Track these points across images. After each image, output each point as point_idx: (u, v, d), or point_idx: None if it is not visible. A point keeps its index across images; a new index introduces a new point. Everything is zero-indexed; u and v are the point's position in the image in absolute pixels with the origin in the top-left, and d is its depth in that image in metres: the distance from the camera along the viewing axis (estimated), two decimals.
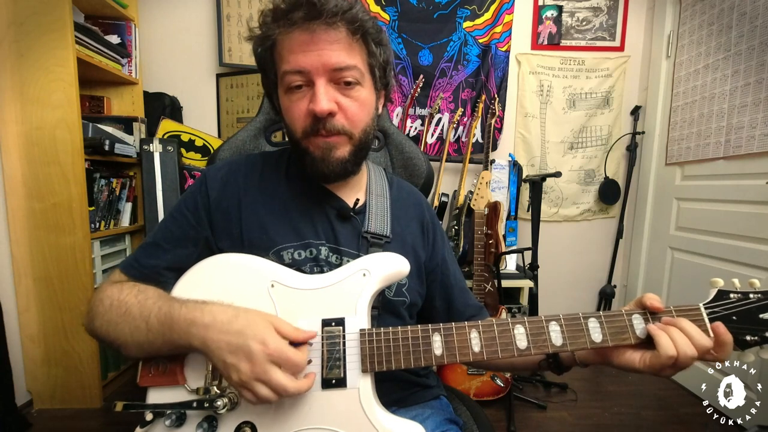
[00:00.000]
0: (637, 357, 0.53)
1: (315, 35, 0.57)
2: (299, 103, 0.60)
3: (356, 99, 0.62)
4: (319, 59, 0.57)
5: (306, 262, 0.65)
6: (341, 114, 0.61)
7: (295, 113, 0.61)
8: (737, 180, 1.69)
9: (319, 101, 0.58)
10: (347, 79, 0.60)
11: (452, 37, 2.15)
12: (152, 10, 2.09)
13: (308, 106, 0.59)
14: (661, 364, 0.50)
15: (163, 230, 0.66)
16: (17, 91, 1.51)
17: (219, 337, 0.50)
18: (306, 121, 0.60)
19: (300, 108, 0.60)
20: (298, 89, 0.60)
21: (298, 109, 0.61)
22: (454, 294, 0.77)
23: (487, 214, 1.75)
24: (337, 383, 0.55)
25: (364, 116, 0.63)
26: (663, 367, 0.50)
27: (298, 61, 0.58)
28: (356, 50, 0.60)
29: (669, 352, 0.49)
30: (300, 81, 0.59)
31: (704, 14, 1.86)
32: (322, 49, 0.57)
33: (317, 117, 0.59)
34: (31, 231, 1.57)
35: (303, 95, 0.60)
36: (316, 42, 0.57)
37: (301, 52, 0.58)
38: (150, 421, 0.55)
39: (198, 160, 1.92)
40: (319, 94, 0.58)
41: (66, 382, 1.65)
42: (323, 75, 0.58)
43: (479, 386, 1.69)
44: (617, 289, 2.36)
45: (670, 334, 0.50)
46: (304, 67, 0.58)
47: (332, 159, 0.62)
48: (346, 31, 0.58)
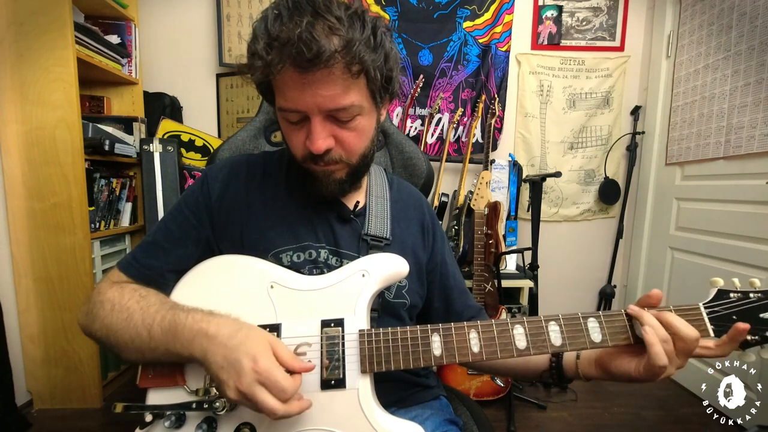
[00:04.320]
0: (633, 366, 0.54)
1: (308, 77, 0.53)
2: (297, 134, 0.60)
3: (354, 129, 0.60)
4: (313, 101, 0.55)
5: (305, 265, 0.64)
6: (338, 146, 0.60)
7: (292, 142, 0.61)
8: (737, 180, 1.69)
9: (314, 141, 0.57)
10: (344, 118, 0.58)
11: (452, 37, 2.15)
12: (152, 10, 2.09)
13: (305, 142, 0.58)
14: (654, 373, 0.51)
15: (163, 230, 0.66)
16: (17, 91, 1.52)
17: (218, 350, 0.50)
18: (304, 152, 0.60)
19: (298, 139, 0.60)
20: (295, 123, 0.59)
21: (296, 140, 0.60)
22: (453, 295, 0.77)
23: (487, 214, 1.75)
24: (337, 384, 0.55)
25: (362, 144, 0.62)
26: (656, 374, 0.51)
27: (294, 101, 0.56)
28: (354, 85, 0.56)
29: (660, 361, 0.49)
30: (296, 118, 0.58)
31: (704, 14, 1.86)
32: (316, 91, 0.54)
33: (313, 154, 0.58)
34: (31, 231, 1.57)
35: (300, 128, 0.59)
36: (311, 84, 0.53)
37: (297, 91, 0.55)
38: (149, 422, 0.55)
39: (198, 160, 1.92)
40: (315, 134, 0.57)
41: (66, 382, 1.65)
42: (319, 114, 0.56)
43: (479, 386, 1.69)
44: (617, 289, 2.36)
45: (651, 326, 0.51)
46: (299, 108, 0.56)
47: (330, 181, 0.62)
48: (343, 68, 0.53)
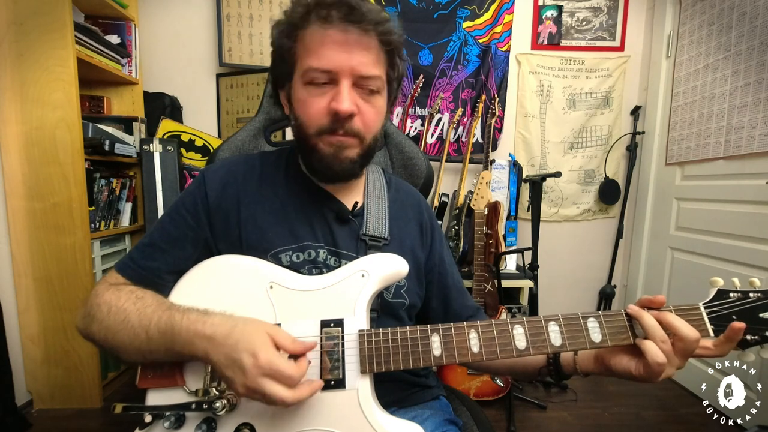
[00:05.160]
0: (633, 366, 0.53)
1: (349, 37, 0.57)
2: (318, 99, 0.60)
3: (374, 106, 0.63)
4: (348, 62, 0.58)
5: (304, 265, 0.64)
6: (359, 117, 0.61)
7: (312, 109, 0.60)
8: (737, 180, 1.69)
9: (343, 101, 0.58)
10: (371, 87, 0.61)
11: (452, 37, 2.15)
12: (152, 10, 2.09)
13: (329, 104, 0.59)
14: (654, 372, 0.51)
15: (160, 231, 0.66)
16: (17, 91, 1.51)
17: (218, 350, 0.50)
18: (323, 119, 0.60)
19: (319, 104, 0.60)
20: (320, 86, 0.60)
21: (317, 105, 0.60)
22: (451, 295, 0.77)
23: (487, 214, 1.75)
24: (336, 384, 0.55)
25: (377, 123, 0.65)
26: (656, 374, 0.51)
27: (328, 59, 0.58)
28: (382, 61, 0.62)
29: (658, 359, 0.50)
30: (324, 78, 0.59)
31: (704, 14, 1.86)
32: (352, 53, 0.58)
33: (337, 116, 0.59)
34: (31, 231, 1.57)
35: (323, 92, 0.60)
36: (350, 45, 0.58)
37: (333, 51, 0.58)
38: (149, 422, 0.55)
39: (198, 160, 1.92)
40: (343, 95, 0.58)
41: (66, 382, 1.65)
42: (349, 77, 0.59)
43: (479, 386, 1.69)
44: (617, 289, 2.36)
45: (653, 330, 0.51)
46: (333, 67, 0.58)
47: (342, 158, 0.62)
48: (377, 42, 0.60)
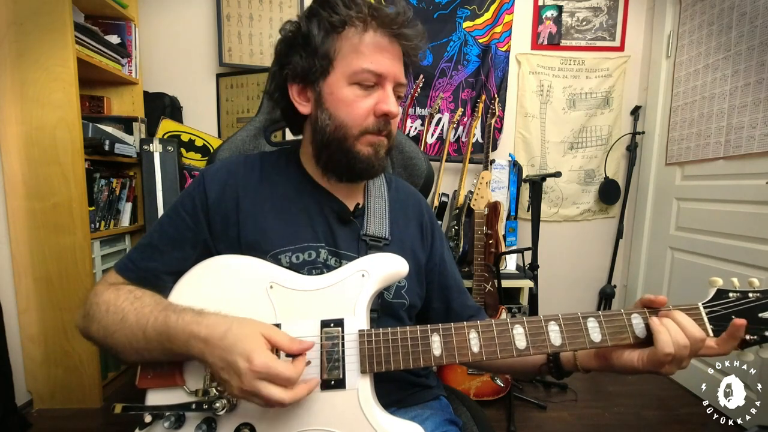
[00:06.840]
0: (636, 356, 0.53)
1: (393, 46, 0.62)
2: (365, 100, 0.62)
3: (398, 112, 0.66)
4: (392, 68, 0.62)
5: (304, 265, 0.64)
6: (394, 120, 0.66)
7: (360, 109, 0.62)
8: (737, 180, 1.69)
9: (392, 103, 0.63)
10: (399, 93, 0.65)
11: (452, 37, 2.15)
12: (152, 10, 2.09)
13: (377, 105, 0.62)
14: (658, 361, 0.51)
15: (159, 231, 0.66)
16: (17, 91, 1.51)
17: (214, 352, 0.50)
18: (369, 120, 0.63)
19: (365, 105, 0.62)
20: (366, 88, 0.62)
21: (365, 106, 0.62)
22: (452, 295, 0.77)
23: (487, 214, 1.75)
24: (336, 384, 0.55)
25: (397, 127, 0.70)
26: (661, 363, 0.51)
27: (380, 64, 0.61)
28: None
29: (666, 348, 0.49)
30: (373, 81, 0.62)
31: (704, 14, 1.86)
32: (394, 61, 0.63)
33: (386, 118, 0.63)
34: (31, 231, 1.57)
35: (368, 94, 0.63)
36: (393, 52, 0.63)
37: (383, 57, 0.61)
38: (149, 422, 0.55)
39: (198, 160, 1.92)
40: (392, 98, 0.63)
41: (66, 382, 1.65)
42: (392, 83, 0.63)
43: (479, 386, 1.69)
44: (617, 289, 2.36)
45: (666, 327, 0.51)
46: (384, 72, 0.61)
47: (381, 157, 0.66)
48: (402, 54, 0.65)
